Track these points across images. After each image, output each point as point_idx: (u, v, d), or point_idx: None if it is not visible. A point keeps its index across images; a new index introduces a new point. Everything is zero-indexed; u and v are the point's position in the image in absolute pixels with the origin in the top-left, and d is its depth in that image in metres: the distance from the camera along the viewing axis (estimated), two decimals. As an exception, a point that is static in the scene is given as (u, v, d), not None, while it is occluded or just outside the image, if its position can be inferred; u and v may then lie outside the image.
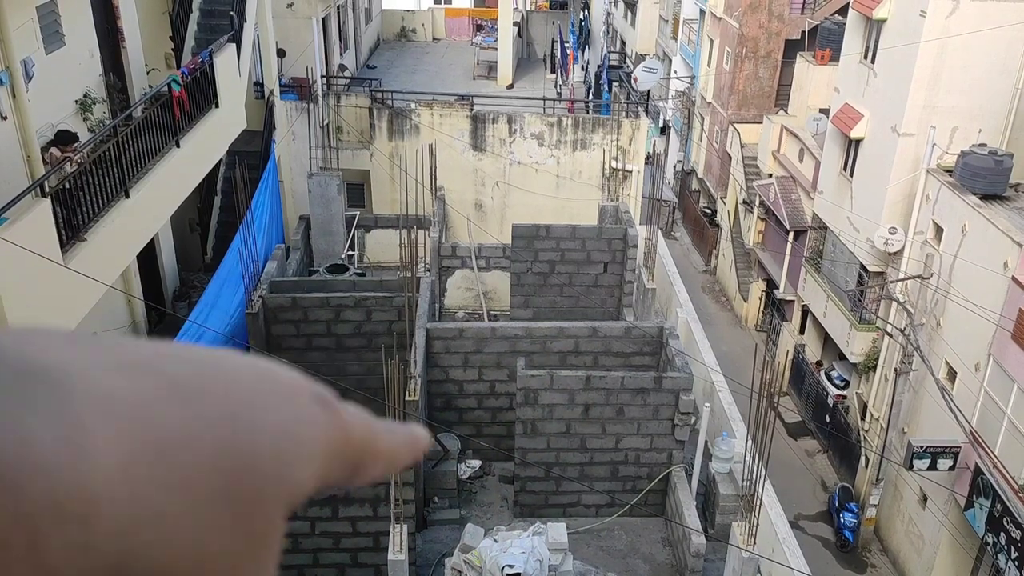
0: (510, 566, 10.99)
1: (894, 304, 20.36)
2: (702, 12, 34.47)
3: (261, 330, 14.50)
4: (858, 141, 21.92)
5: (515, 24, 29.48)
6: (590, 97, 26.71)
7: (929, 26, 18.90)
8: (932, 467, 17.75)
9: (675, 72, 37.93)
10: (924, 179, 19.49)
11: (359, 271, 18.14)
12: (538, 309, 17.25)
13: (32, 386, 0.39)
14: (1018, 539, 15.36)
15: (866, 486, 21.29)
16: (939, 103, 19.52)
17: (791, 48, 29.46)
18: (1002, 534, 15.79)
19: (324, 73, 22.78)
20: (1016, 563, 15.35)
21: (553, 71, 30.19)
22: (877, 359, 21.47)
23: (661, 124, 39.20)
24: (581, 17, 35.11)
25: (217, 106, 14.78)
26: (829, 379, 23.84)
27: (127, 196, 11.50)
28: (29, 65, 11.40)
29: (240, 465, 0.44)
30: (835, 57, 24.64)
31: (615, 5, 45.77)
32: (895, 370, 19.79)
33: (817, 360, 24.90)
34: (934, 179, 19.17)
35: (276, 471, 0.46)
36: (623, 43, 44.72)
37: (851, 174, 22.34)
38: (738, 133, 30.43)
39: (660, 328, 14.54)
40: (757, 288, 29.38)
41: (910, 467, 17.87)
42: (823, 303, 23.42)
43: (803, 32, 28.71)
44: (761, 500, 11.66)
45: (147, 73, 15.41)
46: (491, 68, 28.99)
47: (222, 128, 15.25)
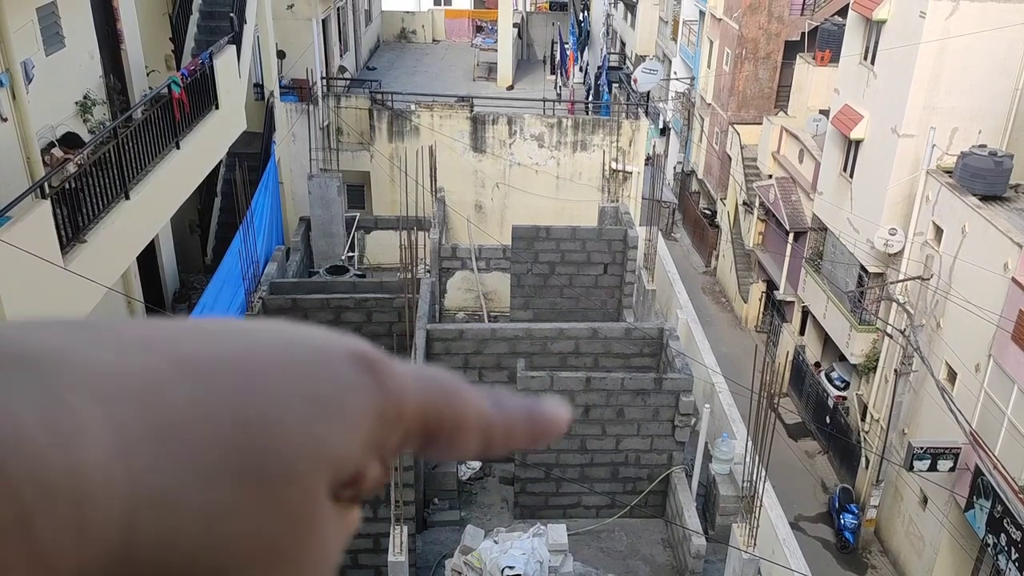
0: (510, 567, 10.98)
1: (894, 305, 20.36)
2: (702, 13, 34.48)
3: (261, 331, 14.46)
4: (858, 142, 21.92)
5: (515, 25, 29.48)
6: (590, 98, 26.70)
7: (929, 27, 18.90)
8: (932, 468, 17.74)
9: (675, 73, 37.95)
10: (924, 180, 19.49)
11: (359, 272, 18.14)
12: (538, 310, 17.24)
13: (18, 370, 0.39)
14: (1018, 540, 15.35)
15: (866, 487, 21.28)
16: (939, 104, 19.52)
17: (791, 49, 29.47)
18: (1002, 535, 15.78)
19: (324, 74, 22.79)
20: (1017, 564, 15.34)
21: (553, 72, 30.18)
22: (877, 360, 21.47)
23: (661, 125, 39.20)
24: (580, 18, 35.09)
25: (217, 108, 14.77)
26: (829, 380, 23.83)
27: (127, 198, 11.50)
28: (29, 67, 11.40)
29: (262, 439, 0.42)
30: (835, 58, 24.65)
31: (615, 6, 45.78)
32: (895, 371, 19.79)
33: (816, 362, 24.90)
34: (934, 180, 19.18)
35: (307, 443, 0.44)
36: (623, 44, 44.74)
37: (851, 175, 22.34)
38: (738, 134, 30.44)
39: (660, 329, 14.54)
40: (757, 289, 29.38)
41: (910, 468, 17.86)
42: (823, 304, 23.42)
43: (803, 33, 28.72)
44: (761, 501, 11.66)
45: (147, 75, 15.42)
46: (491, 69, 29.00)
47: (222, 129, 15.24)
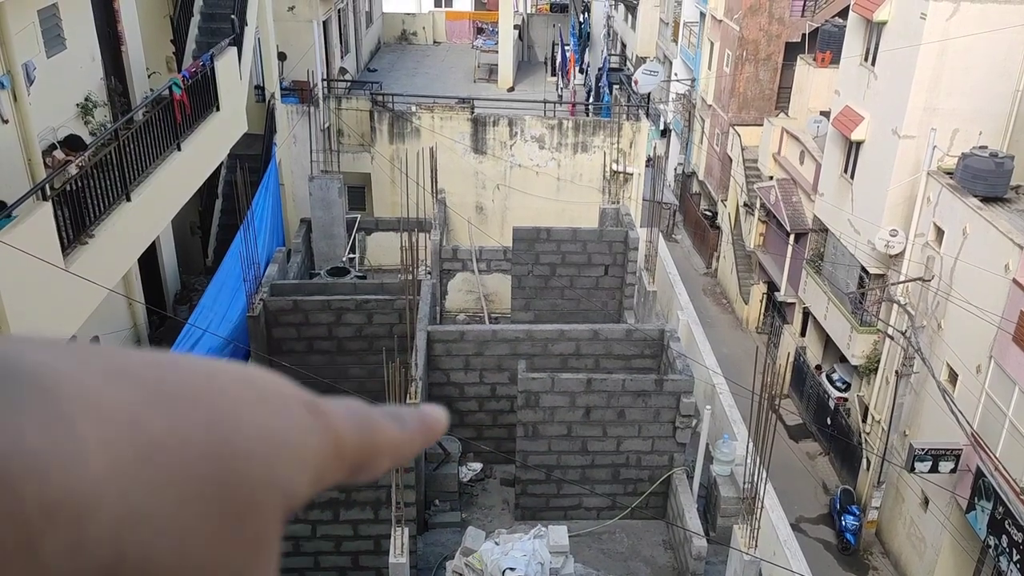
0: (511, 569, 10.98)
1: (895, 306, 20.35)
2: (702, 15, 34.49)
3: (262, 333, 14.49)
4: (859, 143, 21.93)
5: (515, 27, 29.50)
6: (591, 100, 26.71)
7: (929, 28, 18.90)
8: (933, 469, 17.73)
9: (675, 75, 37.96)
10: (925, 181, 19.49)
11: (360, 274, 18.14)
12: (539, 312, 17.24)
13: (21, 389, 0.40)
14: (1020, 541, 15.34)
15: (867, 489, 21.27)
16: (940, 105, 19.52)
17: (791, 51, 29.48)
18: (1004, 536, 15.77)
19: (325, 76, 22.81)
20: (1018, 566, 15.33)
21: (554, 74, 30.19)
22: (878, 361, 21.46)
23: (662, 127, 39.21)
24: (581, 20, 35.11)
25: (218, 109, 14.78)
26: (830, 381, 23.82)
27: (128, 199, 11.50)
28: (30, 69, 11.41)
29: (230, 469, 0.45)
30: (835, 60, 24.65)
31: (615, 8, 45.81)
32: (896, 372, 19.78)
33: (816, 365, 24.88)
34: (935, 181, 19.17)
35: (268, 476, 0.46)
36: (623, 46, 44.77)
37: (852, 176, 22.34)
38: (739, 136, 30.44)
39: (661, 331, 14.54)
40: (758, 290, 29.37)
41: (911, 469, 17.85)
42: (824, 305, 23.42)
43: (803, 35, 28.71)
44: (762, 503, 11.64)
45: (148, 76, 15.43)
46: (492, 71, 29.01)
47: (223, 131, 15.25)
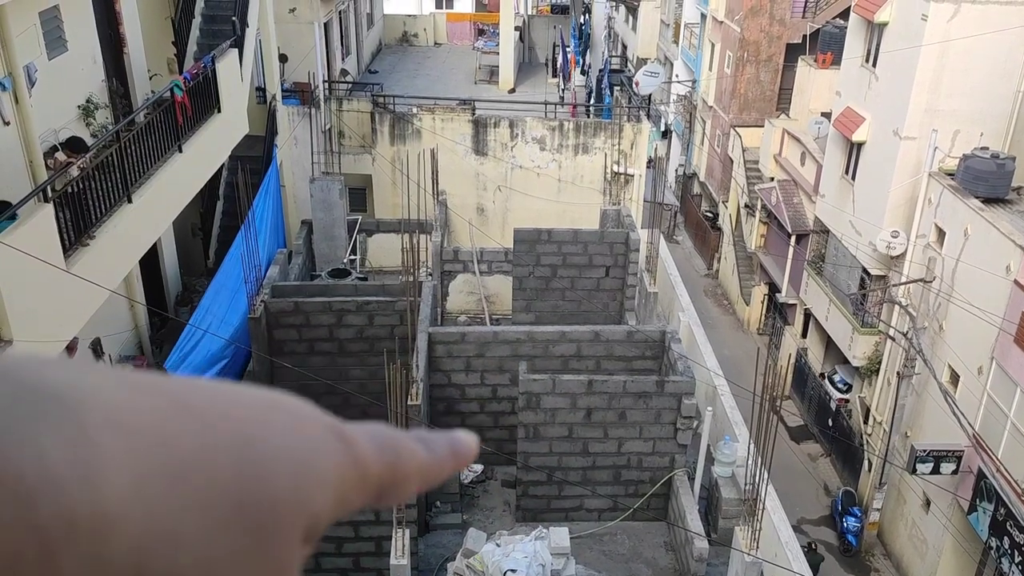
0: (512, 571, 10.97)
1: (896, 308, 20.34)
2: (703, 16, 34.50)
3: (263, 334, 14.50)
4: (860, 145, 21.92)
5: (516, 29, 29.51)
6: (591, 101, 26.71)
7: (930, 30, 18.90)
8: (935, 471, 17.72)
9: (676, 76, 37.98)
10: (926, 182, 19.49)
11: (361, 275, 18.14)
12: (540, 313, 17.24)
13: (46, 405, 0.40)
14: (1021, 543, 15.33)
15: (869, 490, 21.26)
16: (941, 106, 19.52)
17: (792, 52, 29.49)
18: (1005, 538, 15.76)
19: (326, 78, 22.82)
20: (1020, 567, 15.32)
21: (555, 75, 30.20)
22: (880, 363, 21.45)
23: (663, 128, 39.22)
24: (582, 21, 35.11)
25: (219, 111, 14.80)
26: (831, 383, 23.81)
27: (130, 201, 11.51)
28: (32, 70, 11.43)
29: (256, 490, 0.45)
30: (836, 61, 24.66)
31: (616, 9, 45.81)
32: (898, 374, 19.77)
33: (821, 373, 24.80)
34: (936, 182, 19.17)
35: (292, 498, 0.47)
36: (624, 47, 44.79)
37: (853, 178, 22.33)
38: (740, 137, 30.44)
39: (662, 332, 14.54)
40: (759, 292, 29.37)
41: (913, 471, 17.84)
42: (825, 307, 23.41)
43: (804, 36, 28.72)
44: (764, 504, 11.63)
45: (150, 78, 15.45)
46: (493, 72, 29.02)
47: (224, 133, 15.27)
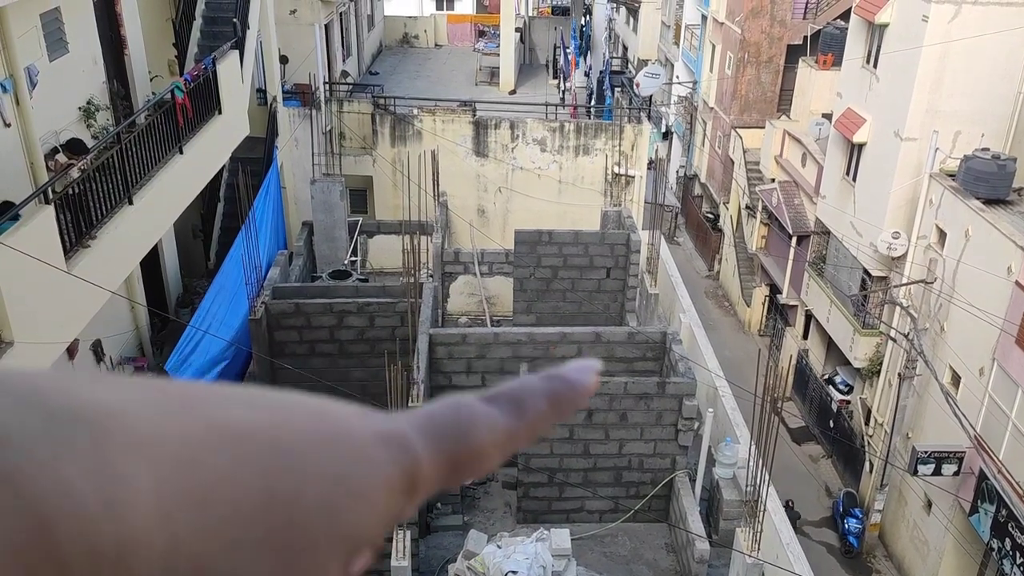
0: (513, 572, 10.96)
1: (897, 309, 20.32)
2: (704, 17, 34.50)
3: (264, 336, 14.50)
4: (861, 146, 21.91)
5: (517, 30, 29.53)
6: (592, 103, 26.72)
7: (931, 31, 18.89)
8: (936, 472, 17.69)
9: (677, 77, 37.97)
10: (927, 183, 19.47)
11: (362, 277, 18.14)
12: (541, 314, 17.24)
13: (70, 428, 0.39)
14: (1023, 544, 15.31)
15: (870, 491, 21.23)
16: (942, 107, 19.50)
17: (793, 53, 29.47)
18: (1007, 539, 15.74)
19: (327, 79, 22.83)
20: (1021, 568, 15.30)
21: (555, 77, 30.21)
22: (881, 364, 21.42)
23: (663, 129, 39.23)
24: (583, 23, 35.14)
25: (220, 112, 14.80)
26: (833, 384, 23.79)
27: (131, 202, 11.52)
28: (33, 72, 11.43)
29: (290, 517, 0.44)
30: (837, 62, 24.64)
31: (617, 11, 45.84)
32: (899, 375, 19.75)
33: (824, 377, 24.75)
34: (937, 183, 19.15)
35: (325, 521, 0.45)
36: (625, 48, 44.80)
37: (854, 179, 22.32)
38: (740, 138, 30.43)
39: (663, 333, 14.53)
40: (760, 293, 29.35)
41: (914, 472, 17.81)
42: (826, 308, 23.39)
43: (805, 37, 28.71)
44: (765, 505, 11.63)
45: (150, 80, 15.45)
46: (493, 74, 29.02)
47: (225, 134, 15.27)
